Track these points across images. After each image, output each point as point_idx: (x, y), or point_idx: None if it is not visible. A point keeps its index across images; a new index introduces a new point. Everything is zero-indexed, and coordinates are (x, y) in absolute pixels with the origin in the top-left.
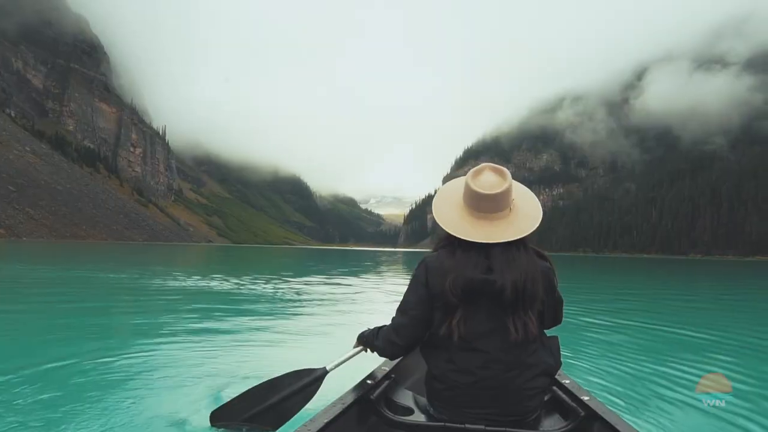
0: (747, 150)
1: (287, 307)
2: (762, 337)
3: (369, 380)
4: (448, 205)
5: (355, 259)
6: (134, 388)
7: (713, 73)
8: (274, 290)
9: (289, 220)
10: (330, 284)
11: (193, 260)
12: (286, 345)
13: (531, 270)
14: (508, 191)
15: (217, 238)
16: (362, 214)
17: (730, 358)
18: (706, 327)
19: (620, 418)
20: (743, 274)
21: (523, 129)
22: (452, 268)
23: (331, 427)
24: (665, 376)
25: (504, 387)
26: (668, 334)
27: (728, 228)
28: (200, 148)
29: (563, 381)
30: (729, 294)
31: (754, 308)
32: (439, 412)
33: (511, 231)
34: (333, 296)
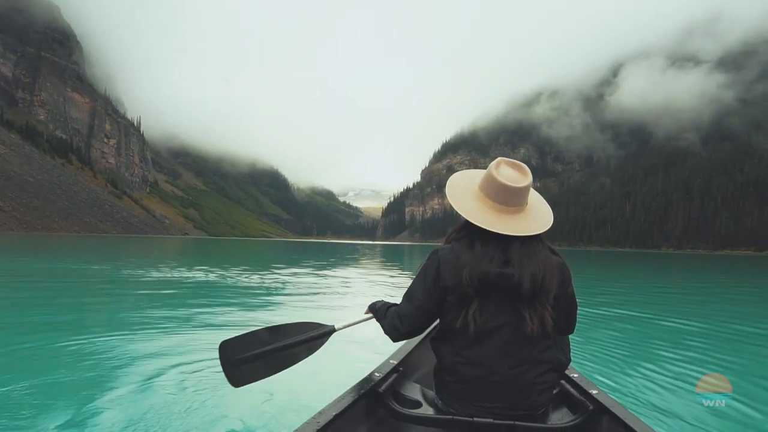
0: (717, 146)
1: (277, 296)
2: (758, 327)
3: (377, 373)
4: (464, 196)
5: (337, 251)
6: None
7: (686, 71)
8: (273, 282)
9: (266, 213)
10: (323, 275)
11: (173, 253)
12: None
13: (548, 264)
14: (529, 186)
15: (193, 231)
16: (340, 207)
17: (732, 350)
18: (701, 319)
19: (629, 411)
20: (724, 267)
21: (500, 123)
22: (469, 260)
23: (340, 420)
24: (671, 369)
25: (513, 381)
26: (670, 327)
27: (699, 222)
28: (176, 139)
29: (571, 375)
30: (718, 287)
31: (746, 301)
32: (447, 405)
33: (534, 225)
34: (329, 286)
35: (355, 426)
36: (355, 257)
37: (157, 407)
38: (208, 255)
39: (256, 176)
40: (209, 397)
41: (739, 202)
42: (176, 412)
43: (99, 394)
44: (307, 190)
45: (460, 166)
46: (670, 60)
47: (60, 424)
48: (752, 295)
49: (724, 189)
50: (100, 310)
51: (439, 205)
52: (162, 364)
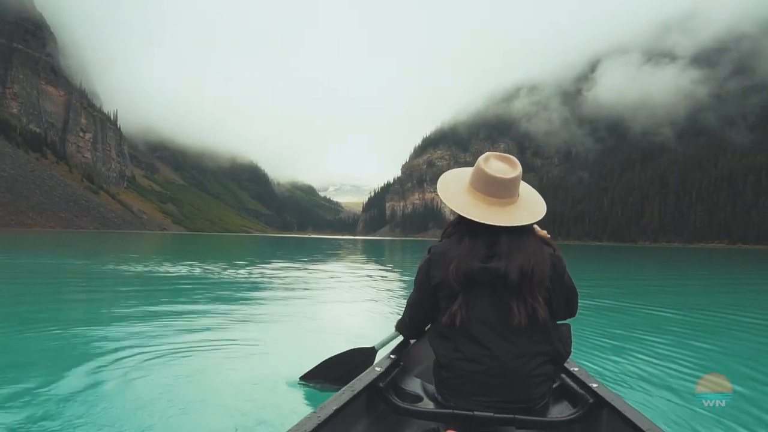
0: (692, 141)
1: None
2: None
3: (378, 368)
4: (455, 191)
5: (318, 247)
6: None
7: (661, 67)
8: (259, 278)
9: (246, 208)
10: (310, 271)
11: (151, 248)
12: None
13: (539, 255)
14: (519, 177)
15: (172, 226)
16: (321, 202)
17: (732, 341)
18: (700, 311)
19: (629, 404)
20: (709, 260)
21: (480, 118)
22: (456, 255)
23: (341, 414)
24: (671, 362)
25: (510, 374)
26: (670, 319)
27: (674, 216)
28: (154, 133)
29: (571, 369)
30: (707, 279)
31: (741, 292)
32: (447, 399)
33: (526, 216)
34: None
35: (356, 420)
36: (337, 253)
37: (155, 401)
38: (186, 251)
39: (236, 171)
40: (208, 389)
41: (713, 196)
42: (175, 406)
43: (71, 388)
44: (288, 185)
45: (441, 161)
46: (646, 56)
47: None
48: (742, 287)
49: (699, 184)
50: (75, 307)
51: (419, 200)
52: (161, 359)
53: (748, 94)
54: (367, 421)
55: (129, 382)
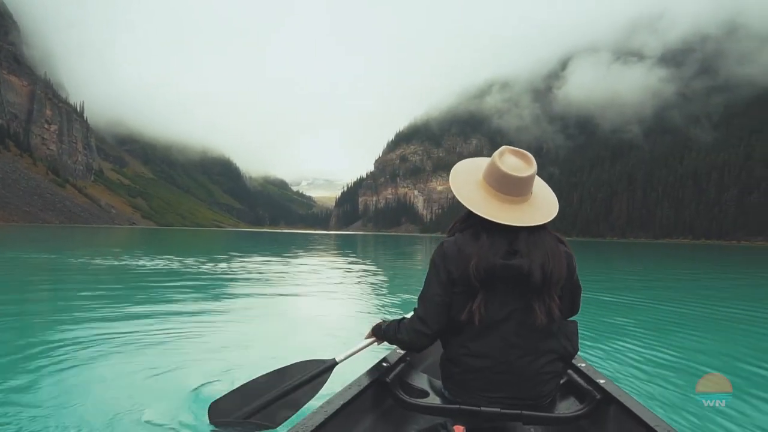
0: (659, 139)
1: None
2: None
3: (384, 363)
4: (467, 186)
5: (292, 242)
6: (124, 378)
7: (630, 66)
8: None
9: (217, 202)
10: (288, 265)
11: (124, 243)
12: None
13: (556, 253)
14: (534, 175)
15: (141, 221)
16: (293, 197)
17: (733, 335)
18: (700, 305)
19: (636, 400)
20: (693, 255)
21: (453, 113)
22: (475, 252)
23: (347, 409)
24: (678, 358)
25: (520, 371)
26: (674, 314)
27: (642, 212)
28: (123, 126)
29: (579, 365)
30: (696, 273)
31: (742, 286)
32: (454, 395)
33: (539, 215)
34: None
35: (362, 415)
36: (311, 248)
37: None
38: (156, 246)
39: (207, 165)
40: (209, 385)
41: (679, 192)
42: (175, 403)
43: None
44: (260, 180)
45: (414, 156)
46: (616, 55)
47: None
48: (738, 281)
49: (665, 180)
50: (44, 303)
51: (392, 194)
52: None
53: (712, 94)
54: (374, 416)
55: (85, 378)
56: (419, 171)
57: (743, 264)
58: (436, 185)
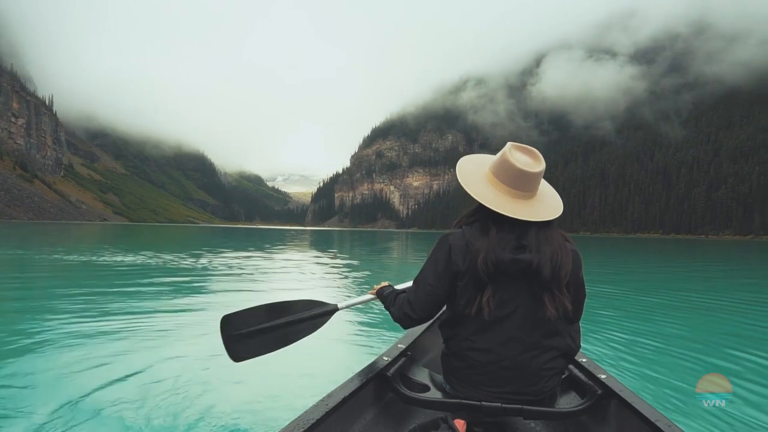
0: (631, 135)
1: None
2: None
3: (385, 357)
4: (476, 180)
5: (270, 237)
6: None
7: (602, 63)
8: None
9: (191, 198)
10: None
11: (94, 239)
12: None
13: (564, 250)
14: (543, 171)
15: (112, 216)
16: (269, 192)
17: (734, 331)
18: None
19: (637, 395)
20: (678, 249)
21: (429, 109)
22: (484, 246)
23: (348, 403)
24: (679, 353)
25: (522, 367)
26: (675, 309)
27: (614, 207)
28: (94, 120)
29: (580, 360)
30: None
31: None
32: (455, 389)
33: (548, 211)
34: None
35: (363, 409)
36: (291, 243)
37: (157, 396)
38: (130, 241)
39: (181, 160)
40: (213, 381)
41: (649, 188)
42: (177, 399)
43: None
44: (235, 175)
45: (390, 152)
46: (588, 52)
47: None
48: (734, 277)
49: (636, 176)
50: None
51: (368, 190)
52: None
53: (681, 92)
54: (375, 410)
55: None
56: (395, 166)
57: (723, 257)
58: (412, 181)
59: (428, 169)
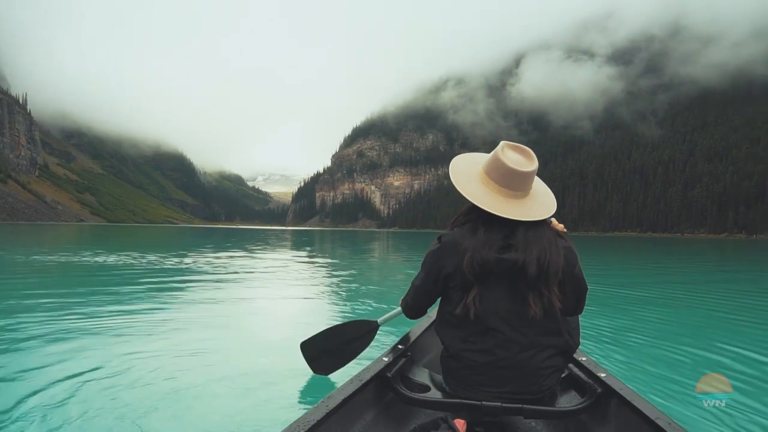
0: (609, 134)
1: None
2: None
3: (385, 358)
4: (469, 180)
5: (257, 237)
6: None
7: (580, 64)
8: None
9: (171, 198)
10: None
11: (69, 240)
12: None
13: (554, 248)
14: (535, 171)
15: (90, 217)
16: (249, 192)
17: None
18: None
19: (637, 394)
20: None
21: (409, 109)
22: (471, 246)
23: (349, 404)
24: (680, 351)
25: (520, 366)
26: (675, 307)
27: (592, 206)
28: (69, 119)
29: (580, 359)
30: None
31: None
32: (455, 389)
33: (541, 210)
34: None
35: (363, 410)
36: (281, 243)
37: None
38: (104, 243)
39: (160, 160)
40: (212, 380)
41: (627, 187)
42: (174, 404)
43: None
44: (215, 175)
45: (371, 152)
46: (567, 53)
47: None
48: (731, 275)
49: (614, 175)
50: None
51: (349, 189)
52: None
53: (658, 92)
54: (375, 411)
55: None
56: (376, 166)
57: (714, 256)
58: (393, 180)
59: (409, 169)
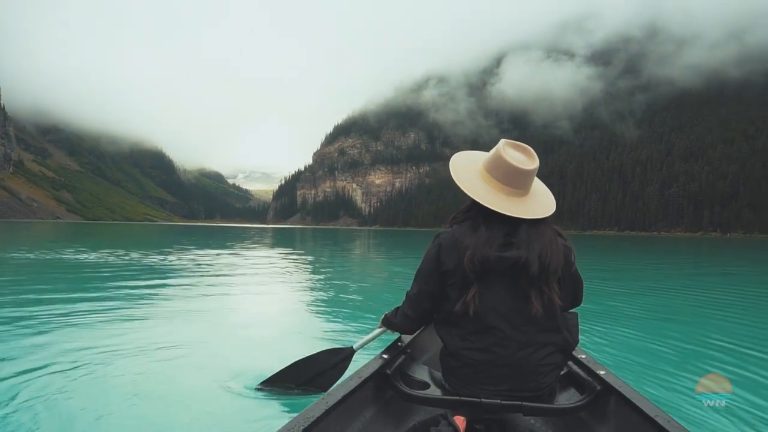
0: (588, 134)
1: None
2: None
3: (385, 355)
4: (470, 177)
5: (238, 236)
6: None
7: (560, 64)
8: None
9: (149, 196)
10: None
11: (43, 238)
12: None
13: (554, 246)
14: (537, 169)
15: (66, 215)
16: (229, 190)
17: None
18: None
19: (636, 391)
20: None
21: (391, 107)
22: (472, 244)
23: (349, 401)
24: (679, 349)
25: (520, 364)
26: (676, 305)
27: (572, 205)
28: (46, 115)
29: (579, 356)
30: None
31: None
32: (455, 387)
33: (541, 208)
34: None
35: (363, 407)
36: (263, 242)
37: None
38: (81, 241)
39: (139, 157)
40: (209, 380)
41: (606, 186)
42: (172, 407)
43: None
44: (195, 172)
45: (352, 150)
46: (547, 53)
47: None
48: (728, 273)
49: (593, 174)
50: None
51: (331, 188)
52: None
53: (635, 93)
54: (375, 408)
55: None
56: (358, 164)
57: (702, 254)
58: (374, 178)
59: (390, 167)
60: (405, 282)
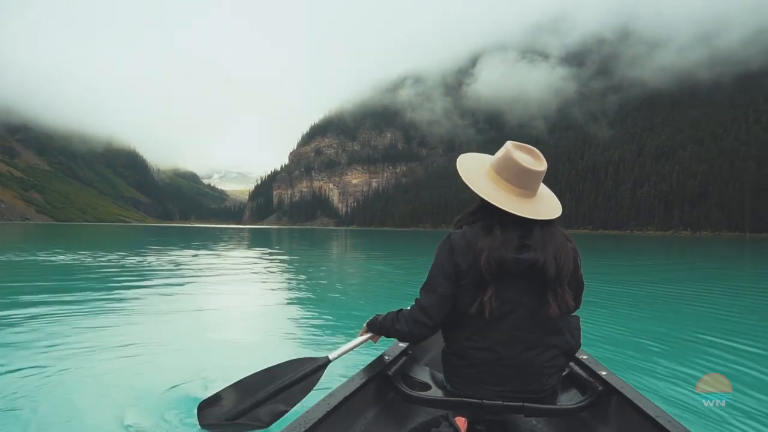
0: (562, 134)
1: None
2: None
3: (386, 356)
4: (479, 178)
5: (212, 236)
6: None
7: (535, 64)
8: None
9: (122, 196)
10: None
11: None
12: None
13: (565, 248)
14: (545, 170)
15: (35, 216)
16: (204, 190)
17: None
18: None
19: (638, 392)
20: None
21: (367, 107)
22: (487, 245)
23: (349, 402)
24: (680, 349)
25: (523, 365)
26: (677, 306)
27: None
28: (13, 113)
29: (581, 357)
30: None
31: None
32: (456, 387)
33: (550, 210)
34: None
35: (365, 408)
36: (236, 243)
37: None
38: (50, 242)
39: (111, 157)
40: (208, 379)
41: (580, 185)
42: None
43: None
44: (169, 173)
45: (329, 149)
46: (522, 54)
47: None
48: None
49: (567, 174)
50: None
51: (307, 188)
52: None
53: (608, 94)
54: (376, 409)
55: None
56: (334, 164)
57: (695, 253)
58: (351, 178)
59: (367, 167)
60: (386, 284)
